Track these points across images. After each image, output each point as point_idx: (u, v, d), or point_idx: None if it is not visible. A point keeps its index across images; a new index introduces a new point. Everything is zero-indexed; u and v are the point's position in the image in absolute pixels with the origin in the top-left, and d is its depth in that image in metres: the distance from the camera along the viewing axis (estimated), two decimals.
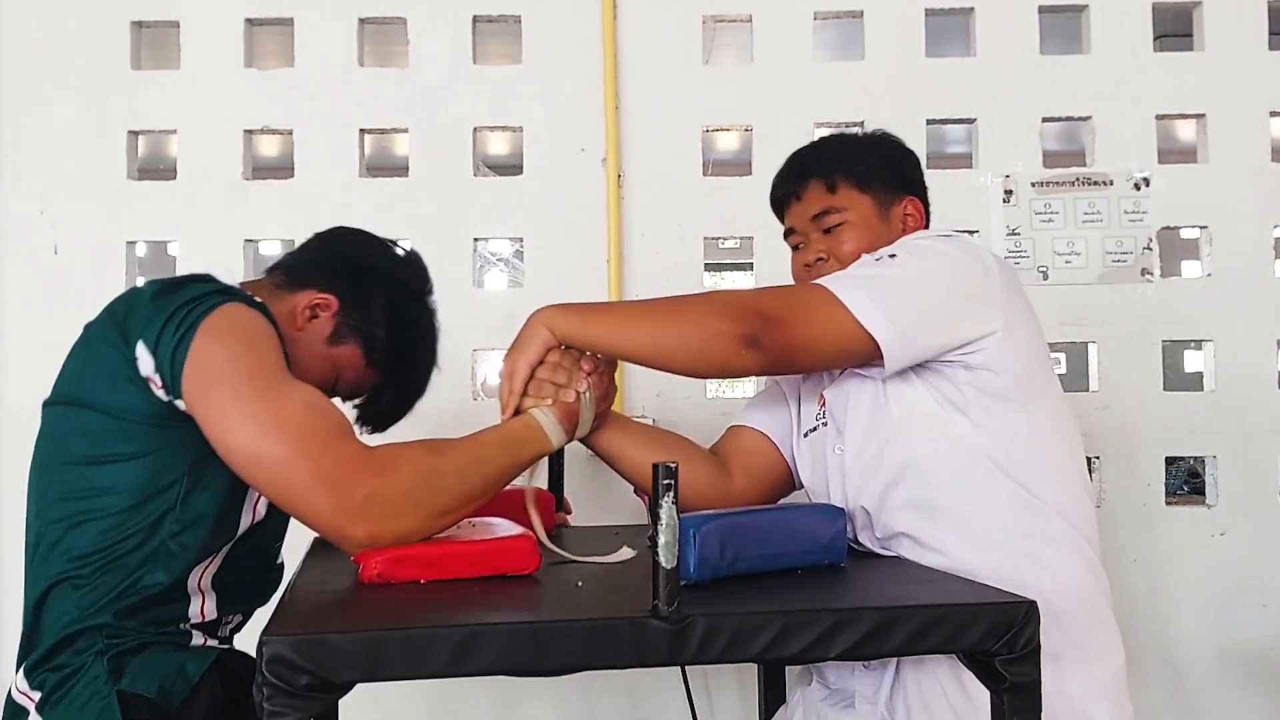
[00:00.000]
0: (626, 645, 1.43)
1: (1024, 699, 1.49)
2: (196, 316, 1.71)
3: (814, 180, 2.21)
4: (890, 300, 1.94)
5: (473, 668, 1.38)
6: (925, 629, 1.48)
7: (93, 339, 1.82)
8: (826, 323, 1.95)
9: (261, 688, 1.33)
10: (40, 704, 1.72)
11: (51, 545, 1.78)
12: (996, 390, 2.01)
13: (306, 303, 2.00)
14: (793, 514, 1.91)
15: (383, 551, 1.69)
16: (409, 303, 2.11)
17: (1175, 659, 3.21)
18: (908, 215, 2.23)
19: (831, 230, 2.19)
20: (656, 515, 1.39)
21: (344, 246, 2.11)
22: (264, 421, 1.66)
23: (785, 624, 1.45)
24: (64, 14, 3.23)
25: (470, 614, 1.52)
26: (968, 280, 2.02)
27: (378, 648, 1.37)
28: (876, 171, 2.22)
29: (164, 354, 1.69)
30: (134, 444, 1.74)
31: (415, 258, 2.17)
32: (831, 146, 2.30)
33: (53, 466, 1.83)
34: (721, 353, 1.94)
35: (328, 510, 1.65)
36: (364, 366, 2.06)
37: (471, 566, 1.72)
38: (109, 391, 1.74)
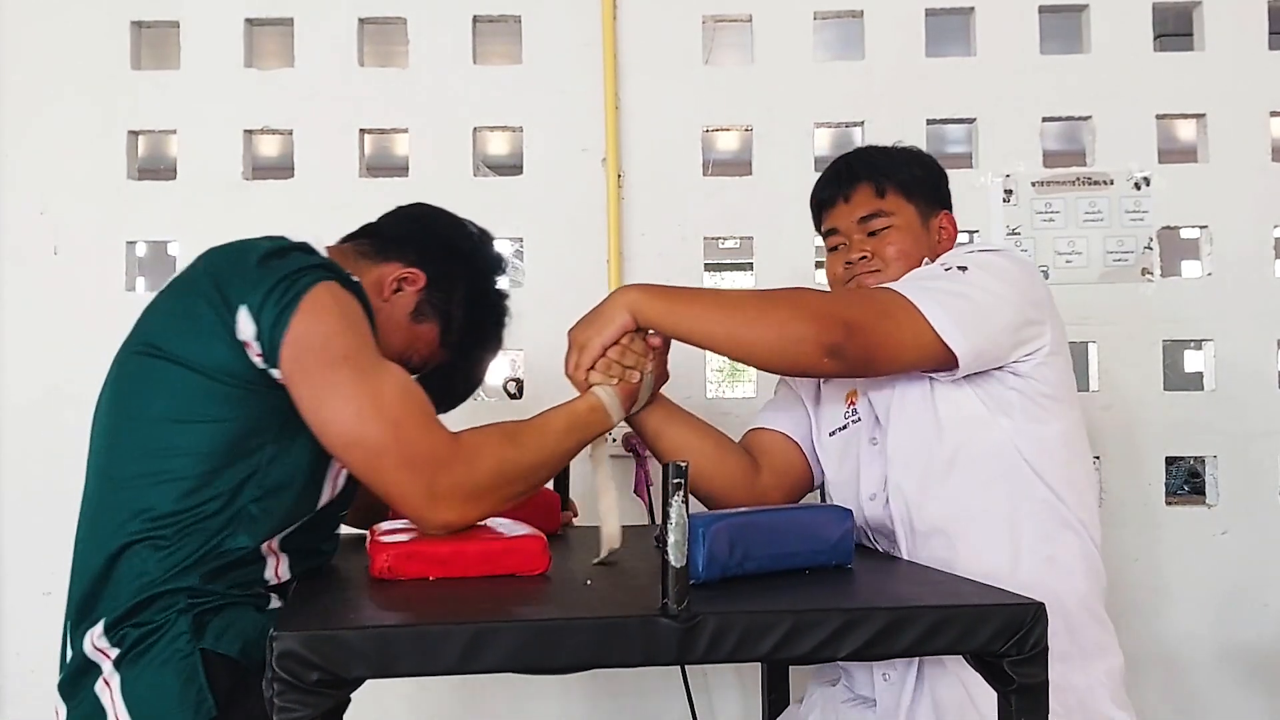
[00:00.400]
0: (636, 644, 1.43)
1: (1032, 700, 1.50)
2: (301, 289, 1.72)
3: (863, 183, 2.29)
4: (965, 314, 2.02)
5: (483, 665, 1.38)
6: (934, 629, 1.49)
7: (187, 293, 1.80)
8: (908, 334, 2.02)
9: (272, 683, 1.33)
10: (119, 659, 1.70)
11: (126, 502, 1.75)
12: (1038, 398, 2.12)
13: (394, 275, 2.02)
14: (801, 514, 1.93)
15: (394, 547, 1.73)
16: (490, 289, 2.16)
17: (1175, 659, 3.21)
18: (943, 228, 2.34)
19: (877, 233, 2.27)
20: (666, 514, 1.39)
21: (433, 223, 2.14)
22: (361, 403, 1.70)
23: (795, 623, 1.45)
24: (64, 14, 3.23)
25: (480, 611, 1.53)
26: (1028, 297, 2.12)
27: (389, 644, 1.38)
28: (919, 182, 2.31)
29: (265, 322, 1.70)
30: (222, 406, 1.74)
31: (490, 239, 2.20)
32: (878, 154, 2.36)
33: (130, 418, 1.80)
34: (803, 357, 2.01)
35: (416, 494, 1.72)
36: (437, 346, 2.09)
37: (481, 565, 1.74)
38: (202, 350, 1.73)
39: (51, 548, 3.12)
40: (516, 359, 3.30)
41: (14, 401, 3.18)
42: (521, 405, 3.21)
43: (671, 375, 2.19)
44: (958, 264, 2.11)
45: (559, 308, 3.15)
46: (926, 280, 2.09)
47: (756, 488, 2.30)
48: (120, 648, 1.71)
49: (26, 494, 3.17)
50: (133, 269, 3.26)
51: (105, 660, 1.71)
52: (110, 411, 1.85)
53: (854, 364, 2.04)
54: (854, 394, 2.29)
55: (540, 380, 3.20)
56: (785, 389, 2.47)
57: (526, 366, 3.24)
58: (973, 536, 2.09)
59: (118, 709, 1.69)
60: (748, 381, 2.41)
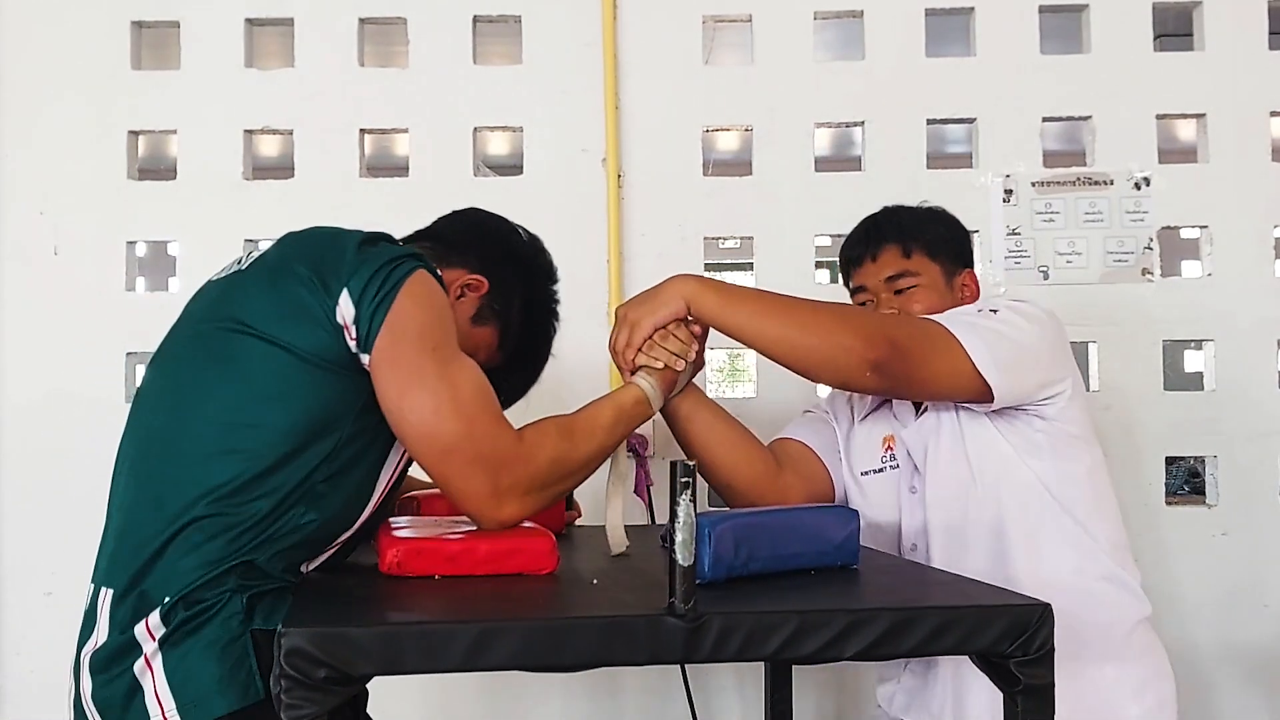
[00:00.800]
0: (642, 643, 1.44)
1: (1038, 702, 1.50)
2: (400, 277, 1.76)
3: (890, 244, 2.38)
4: (1001, 350, 2.10)
5: (489, 663, 1.39)
6: (940, 630, 1.49)
7: (282, 277, 1.79)
8: (947, 363, 2.10)
9: (280, 679, 1.34)
10: (165, 639, 1.69)
11: (196, 478, 1.73)
12: (1063, 438, 2.21)
13: (460, 280, 2.06)
14: (806, 515, 1.93)
15: (404, 543, 1.74)
16: (546, 296, 2.20)
17: (1175, 659, 3.17)
18: (965, 285, 2.42)
19: (904, 291, 2.36)
20: (674, 513, 1.40)
21: (492, 230, 2.19)
22: (441, 397, 1.75)
23: (801, 623, 1.45)
24: (64, 14, 3.23)
25: (487, 609, 1.53)
26: (1053, 341, 2.22)
27: (396, 641, 1.38)
28: (944, 242, 2.41)
29: (366, 308, 1.73)
30: (310, 387, 1.75)
31: (543, 246, 2.24)
32: (905, 215, 2.45)
33: (209, 393, 1.78)
34: (847, 369, 2.08)
35: (480, 491, 1.78)
36: (495, 350, 2.13)
37: (489, 564, 1.75)
38: (299, 331, 1.74)
39: (52, 548, 3.14)
40: None
41: (14, 401, 3.18)
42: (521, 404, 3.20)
43: None
44: (989, 307, 2.19)
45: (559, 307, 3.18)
46: (965, 316, 2.17)
47: (779, 484, 2.36)
48: (168, 627, 1.69)
49: (26, 494, 3.17)
50: (133, 269, 3.26)
51: (150, 641, 1.70)
52: (179, 384, 1.83)
53: (895, 382, 2.12)
54: (891, 438, 2.37)
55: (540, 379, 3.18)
56: (816, 414, 2.55)
57: None
58: (1006, 571, 2.16)
59: (159, 690, 1.68)
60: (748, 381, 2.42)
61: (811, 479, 2.42)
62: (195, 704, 1.67)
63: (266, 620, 1.71)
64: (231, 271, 1.91)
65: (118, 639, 1.72)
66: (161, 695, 1.67)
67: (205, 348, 1.82)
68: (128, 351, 3.19)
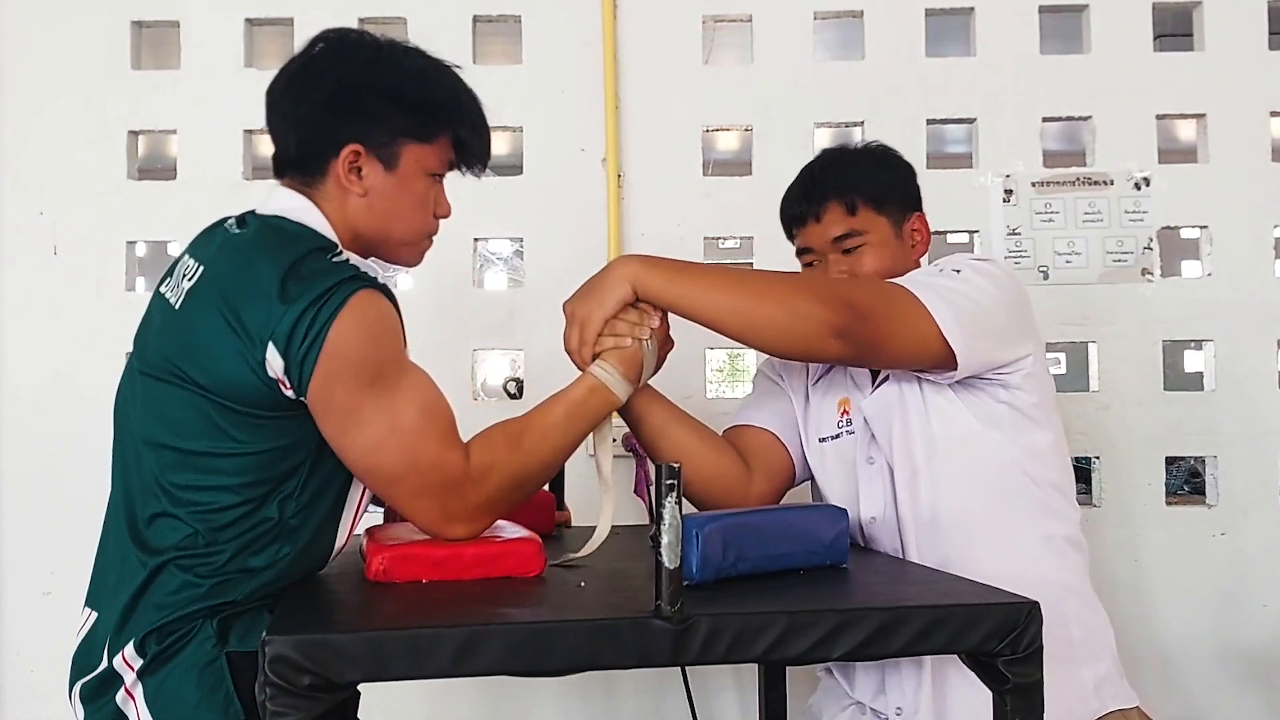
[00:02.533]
0: (630, 645, 1.44)
1: (1027, 700, 1.50)
2: (329, 315, 1.66)
3: (833, 202, 2.26)
4: (965, 314, 2.02)
5: (476, 668, 1.39)
6: (928, 629, 1.49)
7: (206, 318, 1.72)
8: (912, 325, 2.00)
9: (265, 687, 1.34)
10: (143, 669, 1.70)
11: (160, 521, 1.74)
12: (1027, 408, 2.14)
13: (342, 172, 1.85)
14: (795, 514, 1.92)
15: (389, 549, 1.74)
16: (386, 71, 1.89)
17: (1175, 659, 3.21)
18: (915, 230, 2.33)
19: (852, 251, 2.25)
20: (660, 515, 1.40)
21: (301, 104, 1.88)
22: (380, 431, 1.71)
23: (789, 624, 1.46)
24: (64, 14, 3.23)
25: (473, 614, 1.53)
26: (1017, 304, 2.14)
27: (381, 648, 1.38)
28: (889, 190, 2.29)
29: (294, 359, 1.66)
30: (261, 436, 1.73)
31: (332, 39, 1.91)
32: (844, 164, 2.32)
33: (158, 444, 1.76)
34: (809, 338, 1.97)
35: (430, 517, 1.78)
36: (428, 146, 1.91)
37: (476, 568, 1.75)
38: (234, 384, 1.70)
39: (51, 548, 3.14)
40: (516, 359, 3.31)
41: (14, 401, 3.19)
42: (522, 405, 3.20)
43: (672, 376, 2.18)
44: (952, 267, 2.10)
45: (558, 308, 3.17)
46: (925, 277, 2.09)
47: (750, 493, 2.29)
48: (144, 657, 1.71)
49: (26, 494, 3.18)
50: (133, 269, 3.26)
51: (129, 671, 1.71)
52: (136, 435, 1.82)
53: (861, 348, 2.01)
54: (846, 402, 2.29)
55: (541, 379, 3.20)
56: (767, 382, 2.46)
57: (526, 366, 3.24)
58: (977, 546, 2.10)
59: (141, 717, 1.70)
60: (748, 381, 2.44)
61: (777, 473, 2.35)
62: None
63: (241, 641, 1.72)
64: (170, 300, 1.84)
65: (103, 670, 1.74)
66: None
67: (155, 398, 1.78)
68: (128, 351, 3.15)
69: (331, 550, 1.87)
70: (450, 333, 3.21)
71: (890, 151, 2.37)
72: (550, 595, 1.69)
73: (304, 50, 1.91)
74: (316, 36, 1.91)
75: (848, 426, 2.28)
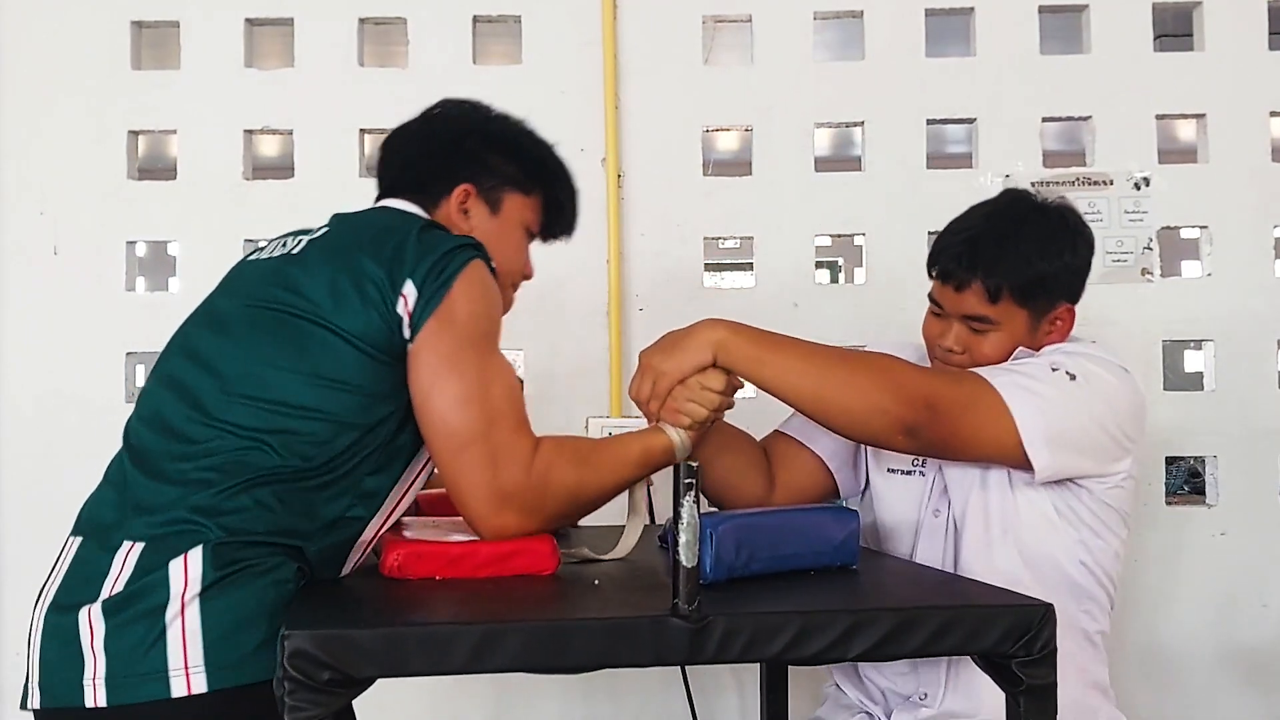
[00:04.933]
0: (646, 644, 1.44)
1: (1040, 701, 1.50)
2: (458, 265, 1.77)
3: (979, 283, 2.13)
4: (1058, 426, 1.99)
5: (493, 665, 1.39)
6: (943, 630, 1.49)
7: (344, 264, 1.78)
8: (990, 432, 1.99)
9: (283, 682, 1.33)
10: (208, 586, 1.63)
11: (238, 451, 1.71)
12: (1105, 514, 2.11)
13: (454, 209, 2.01)
14: (807, 515, 1.92)
15: (405, 545, 1.75)
16: (499, 128, 2.12)
17: (1175, 659, 3.21)
18: (1058, 320, 2.21)
19: (979, 333, 2.17)
20: (677, 514, 1.40)
21: (424, 146, 2.09)
22: (471, 388, 1.74)
23: (804, 624, 1.46)
24: (64, 14, 3.22)
25: (490, 611, 1.54)
26: (1128, 422, 2.09)
27: (399, 643, 1.38)
28: (1043, 283, 2.15)
29: (425, 295, 1.74)
30: (366, 376, 1.75)
31: (454, 101, 2.18)
32: (1008, 244, 2.15)
33: (264, 362, 1.76)
34: (878, 431, 2.01)
35: (483, 492, 1.75)
36: (528, 199, 2.09)
37: (490, 566, 1.75)
38: (359, 322, 1.74)
39: (52, 548, 3.11)
40: (516, 359, 3.30)
41: (14, 402, 3.18)
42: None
43: None
44: (1066, 369, 2.04)
45: (558, 308, 3.18)
46: (1026, 378, 2.03)
47: (767, 505, 2.27)
48: (217, 570, 1.64)
49: (27, 494, 3.17)
50: (133, 269, 3.26)
51: (184, 581, 1.63)
52: (232, 356, 1.79)
53: (927, 446, 2.04)
54: None
55: (540, 380, 3.20)
56: None
57: (526, 366, 3.24)
58: None
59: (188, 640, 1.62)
60: None
61: (804, 491, 2.32)
62: (229, 666, 1.63)
63: None
64: (277, 254, 1.91)
65: (142, 580, 1.65)
66: (190, 646, 1.62)
67: (264, 325, 1.79)
68: (128, 351, 3.18)
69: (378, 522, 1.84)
70: None
71: (1069, 230, 2.20)
72: (566, 593, 1.69)
73: (424, 111, 2.14)
74: (437, 103, 2.16)
75: (921, 466, 2.25)
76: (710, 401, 1.98)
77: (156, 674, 1.61)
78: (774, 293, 3.22)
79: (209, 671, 1.62)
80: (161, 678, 1.61)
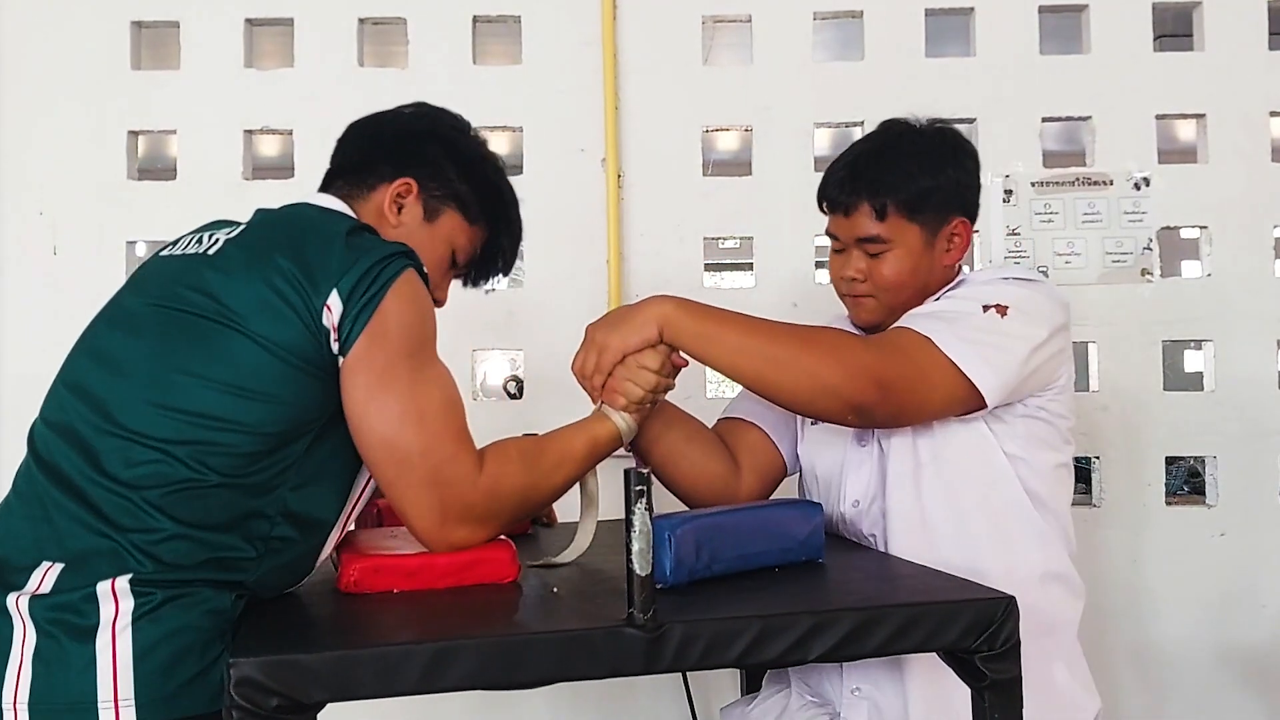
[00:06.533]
0: (602, 655, 1.43)
1: (1005, 696, 1.50)
2: (390, 276, 1.69)
3: (864, 203, 2.14)
4: (1000, 360, 1.98)
5: (446, 684, 1.38)
6: (905, 628, 1.49)
7: (261, 265, 1.68)
8: (940, 391, 1.98)
9: (231, 710, 1.32)
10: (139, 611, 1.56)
11: (149, 465, 1.61)
12: (1042, 428, 2.09)
13: (388, 199, 1.93)
14: (769, 512, 1.91)
15: (362, 559, 1.71)
16: (470, 148, 2.04)
17: (1174, 659, 3.20)
18: (954, 235, 2.19)
19: (875, 255, 2.15)
20: (630, 521, 1.39)
21: (382, 130, 2.02)
22: (407, 406, 1.68)
23: (763, 628, 1.46)
24: (64, 15, 3.23)
25: (443, 628, 1.51)
26: (1060, 338, 2.08)
27: (349, 667, 1.36)
28: (928, 195, 2.15)
29: (353, 309, 1.65)
30: (286, 386, 1.65)
31: (428, 106, 2.08)
32: (887, 162, 2.17)
33: (175, 366, 1.65)
34: (827, 411, 2.00)
35: (430, 512, 1.70)
36: (468, 226, 2.01)
37: (449, 577, 1.72)
38: (279, 327, 1.64)
39: None
40: (516, 359, 3.30)
41: (14, 402, 3.19)
42: (521, 405, 3.21)
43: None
44: (997, 302, 2.04)
45: (558, 307, 3.18)
46: (963, 322, 2.02)
47: (740, 492, 2.26)
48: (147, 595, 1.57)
49: None
50: (132, 269, 3.24)
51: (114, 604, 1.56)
52: (139, 358, 1.69)
53: (879, 420, 2.03)
54: None
55: (540, 380, 3.20)
56: None
57: (526, 366, 3.24)
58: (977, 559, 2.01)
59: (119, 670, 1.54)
60: None
61: (767, 471, 2.31)
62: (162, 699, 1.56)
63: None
64: (190, 251, 1.80)
65: (64, 597, 1.58)
66: (121, 677, 1.54)
67: (176, 328, 1.68)
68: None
69: (317, 557, 1.79)
70: (450, 332, 3.17)
71: (948, 145, 2.22)
72: (523, 603, 1.67)
73: (400, 105, 2.06)
74: (415, 102, 2.08)
75: None
76: (647, 381, 1.97)
77: (85, 704, 1.54)
78: (774, 293, 3.22)
79: (139, 706, 1.55)
80: (90, 709, 1.54)
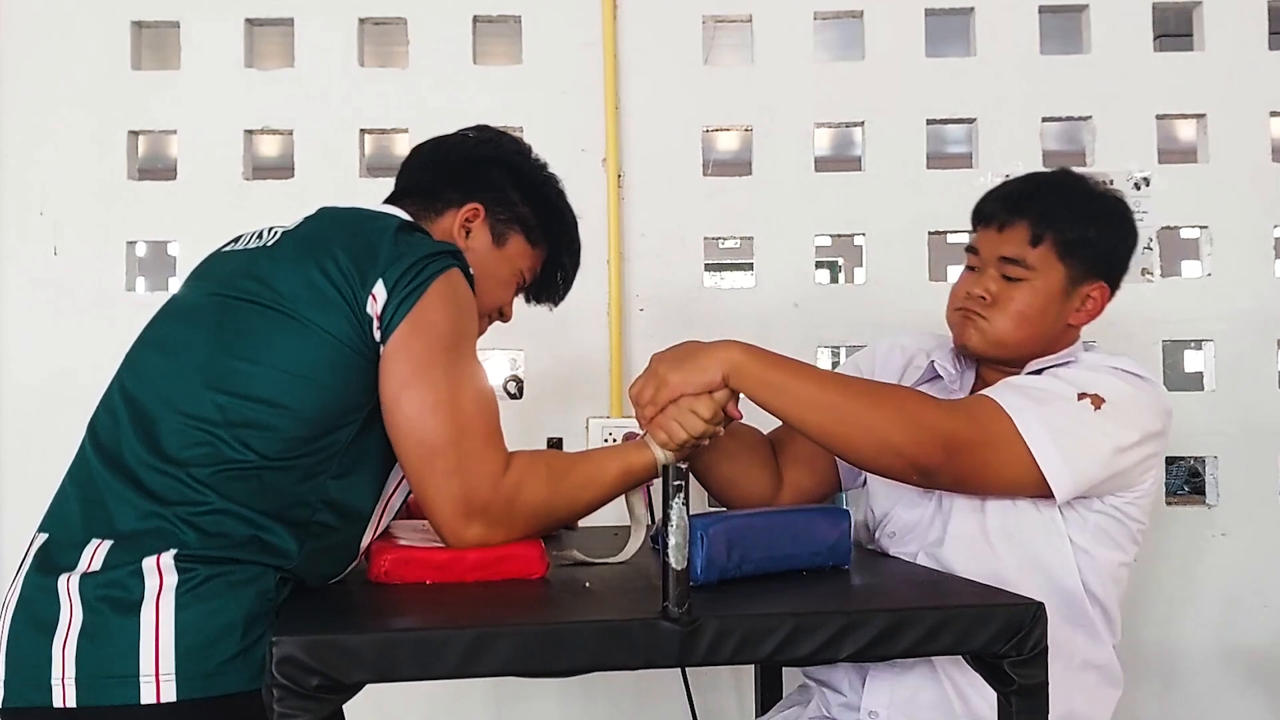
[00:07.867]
0: (637, 646, 1.44)
1: (1032, 701, 1.51)
2: (434, 272, 1.75)
3: (1023, 222, 2.10)
4: (1079, 455, 1.94)
5: (484, 669, 1.39)
6: (935, 631, 1.49)
7: (316, 257, 1.76)
8: (1009, 468, 1.94)
9: (272, 689, 1.33)
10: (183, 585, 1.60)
11: (203, 446, 1.67)
12: (1114, 527, 2.05)
13: (458, 223, 2.00)
14: (798, 516, 1.92)
15: (393, 551, 1.75)
16: (530, 170, 2.11)
17: (1175, 660, 3.21)
18: (1090, 298, 2.14)
19: (1011, 280, 2.10)
20: (666, 516, 1.40)
21: (448, 154, 2.09)
22: (440, 396, 1.71)
23: (796, 626, 1.46)
24: (65, 15, 3.22)
25: (481, 615, 1.54)
26: (1152, 444, 2.03)
27: (390, 649, 1.38)
28: (1088, 245, 2.10)
29: (396, 299, 1.71)
30: (336, 373, 1.71)
31: (495, 130, 2.15)
32: (1061, 199, 2.13)
33: (228, 356, 1.73)
34: (890, 469, 1.98)
35: (451, 503, 1.72)
36: (531, 248, 2.09)
37: (478, 571, 1.74)
38: (329, 315, 1.71)
39: None
40: (516, 359, 3.30)
41: (14, 402, 3.18)
42: (521, 405, 3.20)
43: None
44: (1095, 391, 1.98)
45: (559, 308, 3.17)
46: (1052, 406, 1.97)
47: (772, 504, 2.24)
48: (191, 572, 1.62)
49: (27, 493, 3.16)
50: (133, 269, 3.26)
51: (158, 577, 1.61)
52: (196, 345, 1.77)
53: (941, 485, 2.01)
54: None
55: (540, 380, 3.20)
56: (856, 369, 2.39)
57: (526, 366, 3.24)
58: None
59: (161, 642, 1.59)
60: None
61: (812, 490, 2.29)
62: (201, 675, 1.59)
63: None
64: (252, 246, 1.89)
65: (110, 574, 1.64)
66: (163, 651, 1.59)
67: (232, 315, 1.76)
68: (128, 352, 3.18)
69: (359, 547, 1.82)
70: None
71: (1120, 210, 2.17)
72: (556, 596, 1.69)
73: (462, 129, 2.13)
74: (476, 125, 2.15)
75: None
76: (694, 427, 1.95)
77: (127, 677, 1.58)
78: (774, 293, 3.22)
79: (179, 680, 1.59)
80: (132, 682, 1.58)
